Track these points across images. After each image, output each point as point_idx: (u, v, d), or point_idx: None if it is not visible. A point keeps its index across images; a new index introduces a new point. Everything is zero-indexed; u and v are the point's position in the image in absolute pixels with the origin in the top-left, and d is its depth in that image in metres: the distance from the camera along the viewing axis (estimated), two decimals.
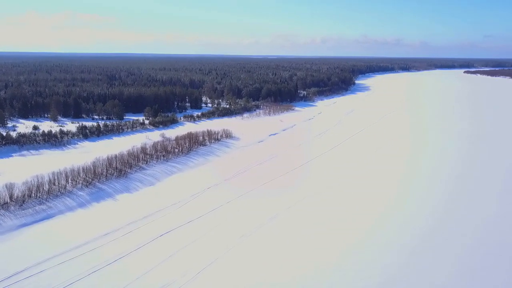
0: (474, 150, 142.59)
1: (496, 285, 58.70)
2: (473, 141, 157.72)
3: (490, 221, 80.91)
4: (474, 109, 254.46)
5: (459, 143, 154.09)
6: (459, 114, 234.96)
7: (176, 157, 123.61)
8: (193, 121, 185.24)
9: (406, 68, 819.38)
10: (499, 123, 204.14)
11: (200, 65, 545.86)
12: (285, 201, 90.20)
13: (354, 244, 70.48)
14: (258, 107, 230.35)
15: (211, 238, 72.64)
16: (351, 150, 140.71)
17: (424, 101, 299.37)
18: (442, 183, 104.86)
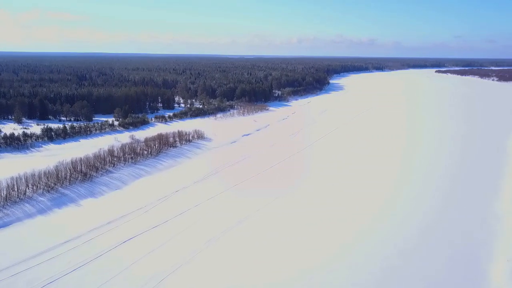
0: (443, 145, 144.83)
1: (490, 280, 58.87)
2: (442, 136, 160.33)
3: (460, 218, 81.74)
4: (442, 105, 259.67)
5: (431, 138, 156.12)
6: (430, 109, 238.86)
7: (145, 159, 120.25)
8: (164, 122, 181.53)
9: (380, 68, 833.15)
10: (466, 118, 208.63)
11: (174, 65, 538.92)
12: (256, 203, 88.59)
13: (330, 247, 69.53)
14: (232, 107, 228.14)
15: (177, 243, 70.26)
16: (324, 149, 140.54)
17: (395, 98, 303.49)
18: (416, 180, 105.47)
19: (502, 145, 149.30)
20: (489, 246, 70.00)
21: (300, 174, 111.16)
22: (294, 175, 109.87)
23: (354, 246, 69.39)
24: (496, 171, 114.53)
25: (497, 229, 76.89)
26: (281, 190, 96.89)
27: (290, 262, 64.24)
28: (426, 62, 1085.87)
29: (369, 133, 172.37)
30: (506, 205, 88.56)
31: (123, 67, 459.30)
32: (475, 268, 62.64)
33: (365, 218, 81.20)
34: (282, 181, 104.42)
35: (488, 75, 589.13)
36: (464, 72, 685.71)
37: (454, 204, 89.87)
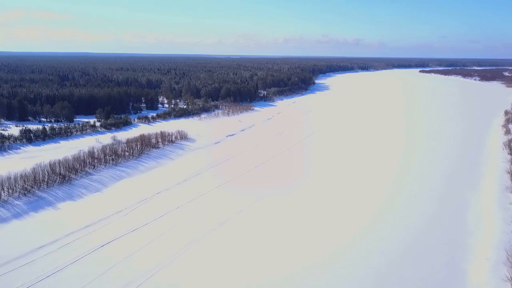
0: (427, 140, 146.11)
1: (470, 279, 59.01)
2: (426, 133, 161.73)
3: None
4: (425, 104, 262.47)
5: (415, 136, 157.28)
6: (412, 108, 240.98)
7: (126, 161, 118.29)
8: (147, 122, 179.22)
9: (365, 67, 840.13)
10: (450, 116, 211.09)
11: (159, 65, 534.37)
12: (238, 205, 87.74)
13: (314, 250, 69.03)
14: (217, 107, 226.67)
15: (156, 247, 68.90)
16: (309, 149, 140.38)
17: (379, 98, 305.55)
18: (399, 180, 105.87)
19: (482, 143, 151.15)
20: (469, 246, 70.38)
21: (283, 174, 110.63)
22: (278, 176, 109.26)
23: (339, 254, 69.07)
24: (476, 170, 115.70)
25: (476, 228, 77.40)
26: (264, 191, 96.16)
27: (268, 265, 63.56)
28: (411, 62, 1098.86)
29: (354, 132, 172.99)
30: (484, 204, 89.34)
31: (107, 67, 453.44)
32: (454, 268, 62.82)
33: (346, 218, 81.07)
34: (265, 182, 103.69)
35: (471, 75, 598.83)
36: (447, 72, 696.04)
37: (435, 204, 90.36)
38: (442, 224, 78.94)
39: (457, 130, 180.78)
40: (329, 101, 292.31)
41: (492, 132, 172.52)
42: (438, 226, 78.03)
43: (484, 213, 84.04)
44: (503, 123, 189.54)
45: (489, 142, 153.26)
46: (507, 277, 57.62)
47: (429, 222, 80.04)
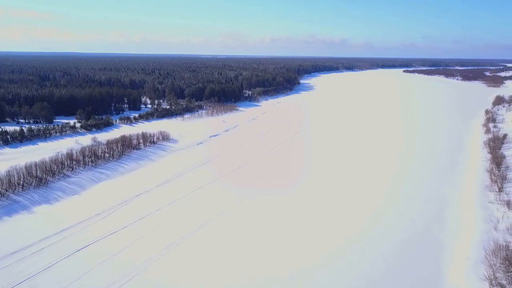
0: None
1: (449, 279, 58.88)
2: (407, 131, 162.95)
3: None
4: (407, 104, 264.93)
5: (395, 134, 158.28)
6: (395, 109, 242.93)
7: (106, 162, 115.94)
8: (129, 123, 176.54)
9: (350, 67, 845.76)
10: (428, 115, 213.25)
11: (144, 65, 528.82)
12: (220, 206, 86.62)
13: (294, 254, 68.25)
14: (200, 107, 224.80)
15: (134, 250, 67.31)
16: (292, 149, 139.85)
17: (360, 98, 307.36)
18: (377, 180, 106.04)
19: (463, 142, 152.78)
20: (449, 245, 70.58)
21: (267, 175, 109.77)
22: (260, 176, 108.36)
23: (327, 259, 68.44)
24: (457, 169, 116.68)
25: (455, 227, 77.76)
26: (246, 192, 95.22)
27: (248, 266, 62.65)
28: (395, 62, 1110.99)
29: (337, 131, 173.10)
30: (464, 203, 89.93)
31: (90, 67, 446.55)
32: (433, 268, 62.82)
33: (327, 219, 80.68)
34: (248, 183, 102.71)
35: (453, 75, 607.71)
36: (430, 72, 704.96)
37: (417, 203, 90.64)
38: (422, 224, 79.08)
39: (438, 129, 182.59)
40: (313, 101, 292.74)
41: (473, 131, 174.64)
42: (418, 226, 78.12)
43: (464, 212, 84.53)
44: (484, 122, 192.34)
45: (470, 141, 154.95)
46: (485, 276, 57.80)
47: (409, 221, 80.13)
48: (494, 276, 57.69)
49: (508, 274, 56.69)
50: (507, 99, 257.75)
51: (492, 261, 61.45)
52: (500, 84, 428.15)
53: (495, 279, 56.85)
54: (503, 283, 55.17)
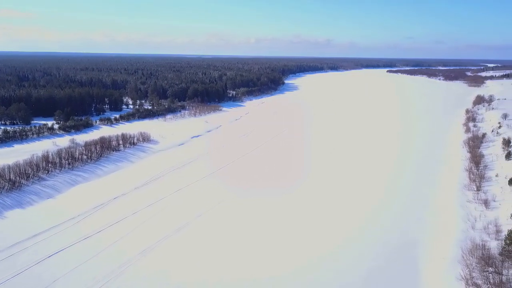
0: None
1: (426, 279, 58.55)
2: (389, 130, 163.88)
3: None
4: (390, 104, 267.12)
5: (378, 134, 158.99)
6: (378, 108, 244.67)
7: (84, 164, 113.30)
8: (110, 124, 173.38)
9: (335, 67, 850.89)
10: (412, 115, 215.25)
11: (127, 65, 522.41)
12: (198, 209, 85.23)
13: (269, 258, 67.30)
14: (183, 107, 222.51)
15: (107, 255, 65.44)
16: (275, 149, 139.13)
17: (344, 97, 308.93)
18: (358, 179, 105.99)
19: (444, 141, 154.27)
20: (426, 245, 70.61)
21: (248, 175, 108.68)
22: (241, 177, 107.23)
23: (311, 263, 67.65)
24: (436, 168, 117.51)
25: (434, 226, 77.96)
26: (226, 194, 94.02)
27: (225, 274, 61.53)
28: (379, 62, 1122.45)
29: (321, 130, 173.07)
30: (443, 202, 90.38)
31: (72, 67, 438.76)
32: (410, 268, 62.65)
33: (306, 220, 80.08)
34: (229, 184, 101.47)
35: (436, 75, 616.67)
36: (413, 72, 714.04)
37: (396, 203, 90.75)
38: (401, 224, 79.08)
39: (421, 129, 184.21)
40: (297, 100, 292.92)
41: (454, 131, 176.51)
42: (397, 226, 78.09)
43: (443, 212, 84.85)
44: (464, 121, 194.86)
45: (452, 140, 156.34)
46: (462, 276, 57.80)
47: (389, 220, 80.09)
48: (470, 275, 57.74)
49: (484, 274, 56.80)
50: (487, 99, 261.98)
51: (468, 261, 61.56)
52: (481, 83, 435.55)
53: (471, 278, 56.90)
54: (479, 283, 55.22)
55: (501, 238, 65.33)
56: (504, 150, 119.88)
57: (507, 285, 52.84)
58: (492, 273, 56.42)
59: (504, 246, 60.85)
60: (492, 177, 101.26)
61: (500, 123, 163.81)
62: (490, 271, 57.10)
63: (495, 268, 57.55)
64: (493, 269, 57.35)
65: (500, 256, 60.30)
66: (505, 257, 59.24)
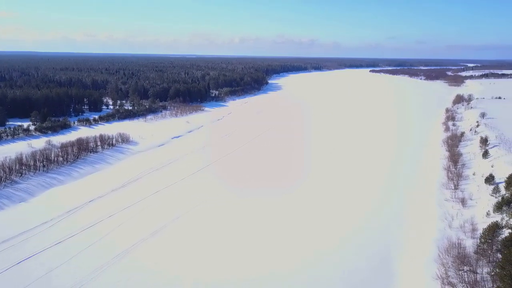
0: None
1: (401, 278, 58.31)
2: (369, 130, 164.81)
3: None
4: (372, 103, 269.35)
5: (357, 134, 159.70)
6: (359, 108, 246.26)
7: (60, 167, 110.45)
8: (88, 125, 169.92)
9: (318, 67, 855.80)
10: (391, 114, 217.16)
11: (109, 65, 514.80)
12: (175, 211, 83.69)
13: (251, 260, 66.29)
14: (165, 108, 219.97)
15: (79, 261, 63.49)
16: (256, 149, 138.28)
17: (325, 97, 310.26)
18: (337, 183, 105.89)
19: (424, 140, 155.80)
20: (403, 244, 70.70)
21: (229, 177, 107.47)
22: (223, 178, 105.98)
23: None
24: (415, 168, 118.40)
25: (411, 225, 78.17)
26: (205, 197, 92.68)
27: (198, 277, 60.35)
28: (362, 62, 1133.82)
29: (303, 130, 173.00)
30: (421, 201, 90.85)
31: (51, 67, 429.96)
32: (386, 267, 62.54)
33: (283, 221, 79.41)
34: (209, 186, 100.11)
35: (417, 74, 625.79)
36: (395, 71, 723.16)
37: (374, 202, 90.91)
38: (379, 222, 79.09)
39: (402, 128, 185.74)
40: (280, 100, 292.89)
41: (434, 130, 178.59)
42: (375, 224, 78.06)
43: (421, 211, 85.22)
44: (444, 120, 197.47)
45: (431, 139, 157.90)
46: (437, 275, 57.87)
47: (367, 219, 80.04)
48: (446, 274, 57.86)
49: (459, 273, 56.97)
50: (466, 98, 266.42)
51: (445, 260, 61.73)
52: (461, 83, 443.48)
53: (447, 277, 57.00)
54: (454, 282, 55.33)
55: (477, 236, 65.73)
56: (481, 148, 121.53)
57: (482, 284, 53.06)
58: (467, 272, 56.64)
59: (479, 244, 61.19)
60: (470, 176, 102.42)
61: (478, 122, 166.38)
62: (465, 270, 57.30)
63: (470, 266, 57.79)
64: (468, 268, 57.57)
65: (475, 254, 60.63)
66: (480, 256, 59.59)
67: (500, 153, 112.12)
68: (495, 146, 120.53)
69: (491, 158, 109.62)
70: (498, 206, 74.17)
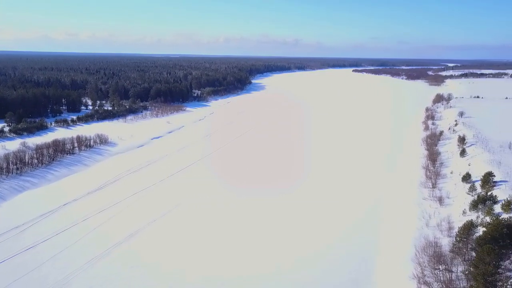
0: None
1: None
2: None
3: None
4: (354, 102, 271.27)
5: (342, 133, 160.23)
6: (341, 107, 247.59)
7: (34, 169, 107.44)
8: (66, 126, 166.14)
9: (302, 67, 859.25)
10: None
11: (90, 64, 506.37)
12: (151, 214, 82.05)
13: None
14: (145, 108, 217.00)
15: (51, 268, 61.48)
16: (238, 150, 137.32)
17: (308, 95, 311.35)
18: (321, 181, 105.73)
19: (404, 139, 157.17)
20: (380, 243, 70.72)
21: (208, 179, 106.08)
22: (202, 180, 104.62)
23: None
24: (395, 166, 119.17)
25: (389, 224, 78.33)
26: (184, 199, 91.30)
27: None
28: (345, 62, 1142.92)
29: (286, 131, 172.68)
30: (399, 200, 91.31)
31: (29, 67, 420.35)
32: (363, 266, 62.38)
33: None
34: (188, 188, 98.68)
35: (399, 74, 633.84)
36: (378, 71, 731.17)
37: (356, 204, 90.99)
38: (358, 223, 79.04)
39: (382, 128, 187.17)
40: (263, 100, 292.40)
41: (414, 129, 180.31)
42: (355, 225, 77.98)
43: (399, 210, 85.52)
44: (423, 119, 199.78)
45: (411, 138, 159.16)
46: (414, 275, 57.88)
47: (343, 219, 79.91)
48: (422, 274, 57.93)
49: (435, 272, 57.11)
50: (446, 97, 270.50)
51: (421, 259, 61.84)
52: (441, 82, 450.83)
53: (423, 277, 57.06)
54: (430, 281, 55.39)
55: (453, 235, 66.07)
56: (459, 147, 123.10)
57: (456, 283, 53.23)
58: (442, 271, 56.82)
59: (455, 243, 61.50)
60: (447, 174, 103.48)
61: (456, 121, 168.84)
62: (441, 269, 57.48)
63: (446, 265, 57.99)
64: (444, 267, 57.76)
65: (450, 253, 60.91)
66: (456, 254, 59.88)
67: (477, 151, 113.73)
68: (473, 144, 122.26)
69: (468, 157, 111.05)
70: (474, 205, 74.88)
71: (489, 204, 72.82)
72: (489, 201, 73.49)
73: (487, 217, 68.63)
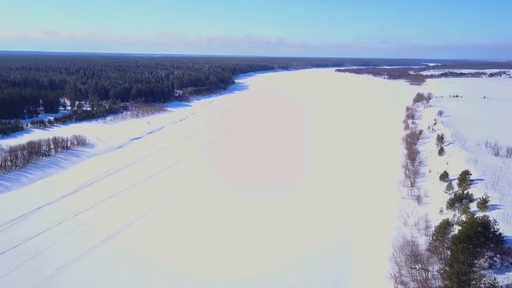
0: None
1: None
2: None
3: None
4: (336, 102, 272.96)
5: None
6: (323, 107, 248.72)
7: (7, 172, 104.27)
8: (43, 127, 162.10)
9: (286, 67, 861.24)
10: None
11: (69, 64, 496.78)
12: (128, 217, 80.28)
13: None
14: (126, 108, 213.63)
15: (22, 275, 59.44)
16: (219, 151, 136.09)
17: (291, 96, 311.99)
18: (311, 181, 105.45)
19: (384, 138, 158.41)
20: (358, 242, 70.65)
21: (188, 180, 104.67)
22: (182, 181, 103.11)
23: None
24: (374, 165, 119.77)
25: (367, 224, 78.39)
26: (163, 201, 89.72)
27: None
28: (328, 62, 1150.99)
29: (269, 131, 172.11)
30: (378, 198, 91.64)
31: (6, 66, 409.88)
32: (341, 266, 62.15)
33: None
34: (168, 190, 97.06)
35: (381, 74, 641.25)
36: (360, 71, 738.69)
37: (335, 204, 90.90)
38: (333, 220, 78.90)
39: (362, 127, 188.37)
40: (246, 100, 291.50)
41: (395, 128, 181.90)
42: (335, 227, 77.78)
43: (377, 209, 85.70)
44: (404, 118, 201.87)
45: (392, 138, 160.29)
46: (391, 275, 57.87)
47: (322, 218, 79.71)
48: (399, 273, 57.96)
49: (412, 271, 57.18)
50: (426, 97, 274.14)
51: (399, 258, 61.89)
52: (422, 82, 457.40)
53: (400, 276, 57.09)
54: (406, 280, 55.44)
55: (430, 234, 66.43)
56: (437, 146, 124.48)
57: (432, 282, 53.36)
58: (419, 270, 56.91)
59: (431, 242, 61.80)
60: (426, 173, 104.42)
61: (435, 120, 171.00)
62: (417, 268, 57.57)
63: (422, 264, 58.10)
64: (420, 266, 57.87)
65: (427, 252, 61.13)
66: (432, 253, 60.10)
67: (455, 150, 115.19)
68: (451, 143, 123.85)
69: (446, 156, 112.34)
70: (451, 203, 75.48)
71: (465, 202, 73.47)
72: (466, 200, 74.16)
73: (463, 216, 69.14)
